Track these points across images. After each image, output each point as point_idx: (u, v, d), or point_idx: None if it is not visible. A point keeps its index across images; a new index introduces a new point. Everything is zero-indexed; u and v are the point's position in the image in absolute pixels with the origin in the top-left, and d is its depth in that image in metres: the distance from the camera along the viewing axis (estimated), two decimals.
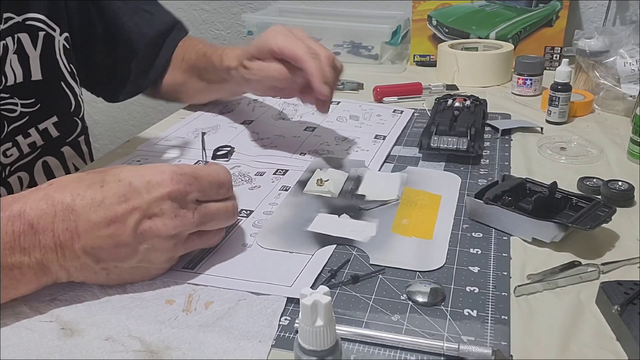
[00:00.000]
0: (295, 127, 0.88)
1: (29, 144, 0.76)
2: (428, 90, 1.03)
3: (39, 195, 0.48)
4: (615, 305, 0.45)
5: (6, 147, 0.73)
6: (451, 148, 0.75)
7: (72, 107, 0.81)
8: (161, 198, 0.48)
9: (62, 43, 0.78)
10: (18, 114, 0.74)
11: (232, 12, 1.54)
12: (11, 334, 0.46)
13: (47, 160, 0.79)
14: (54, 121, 0.79)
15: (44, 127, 0.78)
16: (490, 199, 0.59)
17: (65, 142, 0.82)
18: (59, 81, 0.79)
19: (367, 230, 0.59)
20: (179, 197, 0.49)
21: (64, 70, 0.79)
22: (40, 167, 0.79)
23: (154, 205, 0.48)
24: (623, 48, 0.94)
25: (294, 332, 0.46)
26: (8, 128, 0.73)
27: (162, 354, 0.44)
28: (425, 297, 0.49)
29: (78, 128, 0.84)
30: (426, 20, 1.23)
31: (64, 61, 0.79)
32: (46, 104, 0.77)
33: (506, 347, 0.44)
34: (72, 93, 0.81)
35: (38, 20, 0.75)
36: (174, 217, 0.49)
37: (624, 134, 0.81)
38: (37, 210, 0.47)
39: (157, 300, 0.49)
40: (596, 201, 0.58)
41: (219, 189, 0.53)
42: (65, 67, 0.79)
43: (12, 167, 0.75)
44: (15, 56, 0.72)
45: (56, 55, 0.78)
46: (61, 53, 0.78)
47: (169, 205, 0.49)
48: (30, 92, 0.75)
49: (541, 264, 0.54)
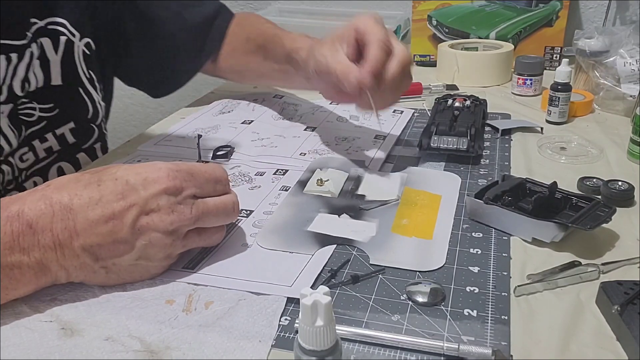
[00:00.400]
0: (296, 127, 0.88)
1: (45, 149, 0.76)
2: (428, 90, 1.03)
3: (37, 196, 0.48)
4: (615, 305, 0.45)
5: (23, 151, 0.73)
6: (451, 148, 0.75)
7: (89, 114, 0.81)
8: (158, 194, 0.49)
9: (82, 49, 0.78)
10: (36, 118, 0.74)
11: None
12: (11, 334, 0.46)
13: (62, 166, 0.79)
14: (70, 127, 0.79)
15: (60, 132, 0.77)
16: (490, 199, 0.59)
17: (81, 148, 0.82)
18: (77, 87, 0.79)
19: (367, 230, 0.59)
20: (176, 192, 0.49)
21: (82, 77, 0.79)
22: (55, 172, 0.79)
23: (151, 202, 0.48)
24: (623, 48, 0.94)
25: (294, 332, 0.46)
26: (26, 132, 0.73)
27: (162, 354, 0.44)
28: (425, 297, 0.49)
29: (95, 135, 0.83)
30: (426, 20, 1.23)
31: (83, 67, 0.79)
32: (64, 110, 0.77)
33: (506, 347, 0.44)
34: (90, 99, 0.81)
35: (60, 24, 0.75)
36: (171, 212, 0.49)
37: (624, 134, 0.81)
38: (35, 211, 0.47)
39: (157, 300, 0.49)
40: (596, 201, 0.58)
41: (215, 185, 0.53)
42: (84, 73, 0.79)
43: (27, 172, 0.75)
44: (37, 62, 0.72)
45: (75, 61, 0.78)
46: (80, 59, 0.78)
47: (166, 200, 0.49)
48: (49, 97, 0.75)
49: (541, 264, 0.54)
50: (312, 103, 0.98)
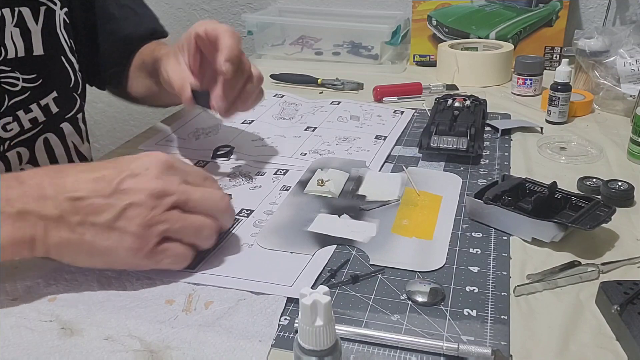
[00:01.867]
0: (296, 127, 0.88)
1: (30, 120, 0.76)
2: (428, 90, 1.03)
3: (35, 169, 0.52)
4: (615, 305, 0.45)
5: (6, 121, 0.73)
6: (451, 148, 0.75)
7: (71, 83, 0.81)
8: (146, 163, 0.51)
9: (63, 17, 0.78)
10: (19, 88, 0.74)
11: (232, 12, 1.54)
12: (11, 334, 0.46)
13: (47, 137, 0.79)
14: (54, 96, 0.78)
15: (45, 102, 0.77)
16: (490, 199, 0.59)
17: (64, 118, 0.81)
18: (59, 56, 0.79)
19: (367, 230, 0.59)
20: (165, 164, 0.52)
21: (64, 45, 0.79)
22: (41, 143, 0.78)
23: (140, 167, 0.51)
24: (623, 48, 0.94)
25: (293, 331, 0.46)
26: (9, 102, 0.73)
27: (162, 353, 0.44)
28: (425, 297, 0.49)
29: (77, 104, 0.83)
30: (426, 20, 1.23)
31: (64, 35, 0.79)
32: (47, 79, 0.77)
33: (506, 347, 0.44)
34: (71, 68, 0.80)
35: None
36: (157, 176, 0.51)
37: (624, 134, 0.81)
38: (30, 172, 0.51)
39: (157, 300, 0.50)
40: (596, 201, 0.58)
41: (204, 179, 0.55)
42: (65, 41, 0.79)
43: (11, 142, 0.74)
44: (17, 30, 0.72)
45: (57, 29, 0.77)
46: (61, 27, 0.78)
47: (154, 167, 0.51)
48: (32, 67, 0.75)
49: (541, 263, 0.54)
50: (313, 103, 0.98)
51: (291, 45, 1.31)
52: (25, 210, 0.48)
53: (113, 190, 0.49)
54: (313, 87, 1.09)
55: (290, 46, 1.31)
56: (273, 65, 1.21)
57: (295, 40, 1.31)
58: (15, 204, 0.48)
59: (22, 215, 0.48)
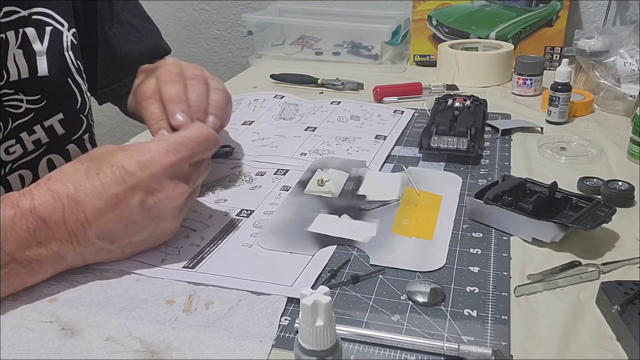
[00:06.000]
0: (296, 127, 0.88)
1: (33, 141, 0.76)
2: (428, 90, 1.03)
3: (43, 189, 0.50)
4: (615, 305, 0.45)
5: (9, 144, 0.73)
6: (451, 148, 0.75)
7: (78, 104, 0.81)
8: (156, 175, 0.51)
9: (70, 38, 0.77)
10: (23, 110, 0.73)
11: (232, 12, 1.54)
12: (11, 334, 0.46)
13: (51, 158, 0.79)
14: (59, 118, 0.78)
15: (49, 124, 0.77)
16: (490, 199, 0.59)
17: (71, 140, 0.81)
18: (66, 77, 0.78)
19: (367, 230, 0.59)
20: (174, 169, 0.53)
21: (71, 67, 0.78)
22: (45, 165, 0.78)
23: (153, 182, 0.51)
24: (623, 48, 0.94)
25: (294, 332, 0.46)
26: (12, 125, 0.72)
27: (162, 354, 0.44)
28: (425, 297, 0.49)
29: (83, 126, 0.83)
30: (426, 20, 1.23)
31: (72, 57, 0.78)
32: (52, 101, 0.77)
33: (506, 347, 0.44)
34: (78, 90, 0.80)
35: (45, 14, 0.74)
36: (175, 188, 0.52)
37: (624, 134, 0.81)
38: (46, 206, 0.49)
39: (158, 301, 0.50)
40: (596, 201, 0.58)
41: (207, 145, 0.56)
42: (72, 63, 0.78)
43: (13, 165, 0.74)
44: (20, 51, 0.71)
45: (64, 51, 0.77)
46: (69, 49, 0.78)
47: (167, 179, 0.52)
48: (36, 88, 0.74)
49: (541, 264, 0.54)
50: (313, 103, 0.98)
51: (291, 45, 1.31)
52: (62, 251, 0.50)
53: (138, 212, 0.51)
54: (313, 87, 1.09)
55: (290, 46, 1.31)
56: (273, 65, 1.21)
57: (295, 40, 1.31)
58: (50, 246, 0.49)
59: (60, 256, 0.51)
